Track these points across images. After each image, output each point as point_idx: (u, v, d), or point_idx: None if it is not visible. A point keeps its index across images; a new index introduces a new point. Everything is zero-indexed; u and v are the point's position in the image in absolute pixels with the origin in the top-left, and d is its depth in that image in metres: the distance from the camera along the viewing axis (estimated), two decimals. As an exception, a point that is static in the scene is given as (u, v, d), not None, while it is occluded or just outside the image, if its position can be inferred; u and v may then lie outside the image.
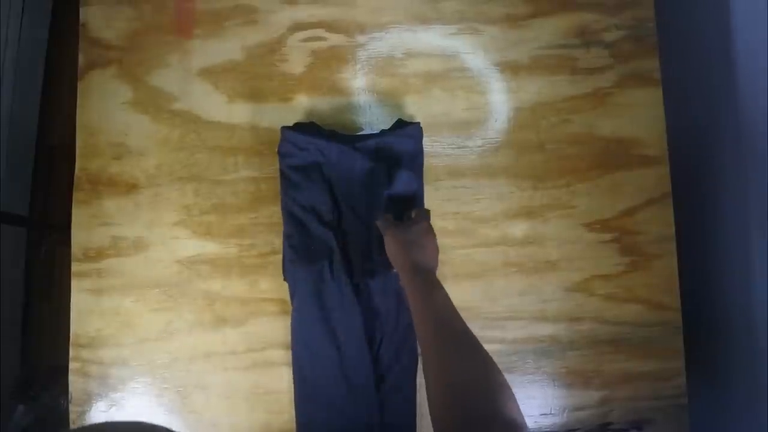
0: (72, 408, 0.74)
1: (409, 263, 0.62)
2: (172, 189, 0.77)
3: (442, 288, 0.59)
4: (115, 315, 0.76)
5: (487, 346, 0.56)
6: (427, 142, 0.77)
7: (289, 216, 0.74)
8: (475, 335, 0.54)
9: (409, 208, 0.71)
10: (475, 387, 0.46)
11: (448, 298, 0.58)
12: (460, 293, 0.77)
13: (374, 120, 0.79)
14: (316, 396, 0.72)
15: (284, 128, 0.74)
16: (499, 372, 0.48)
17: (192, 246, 0.76)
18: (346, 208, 0.74)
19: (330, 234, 0.72)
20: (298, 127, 0.76)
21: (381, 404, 0.71)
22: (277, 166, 0.75)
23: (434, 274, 0.63)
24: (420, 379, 0.75)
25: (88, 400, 0.74)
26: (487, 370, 0.49)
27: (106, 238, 0.76)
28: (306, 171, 0.74)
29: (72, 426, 0.74)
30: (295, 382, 0.73)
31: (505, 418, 0.42)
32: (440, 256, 0.77)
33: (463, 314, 0.59)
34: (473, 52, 0.81)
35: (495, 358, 0.55)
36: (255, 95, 0.79)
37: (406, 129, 0.76)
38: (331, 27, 0.80)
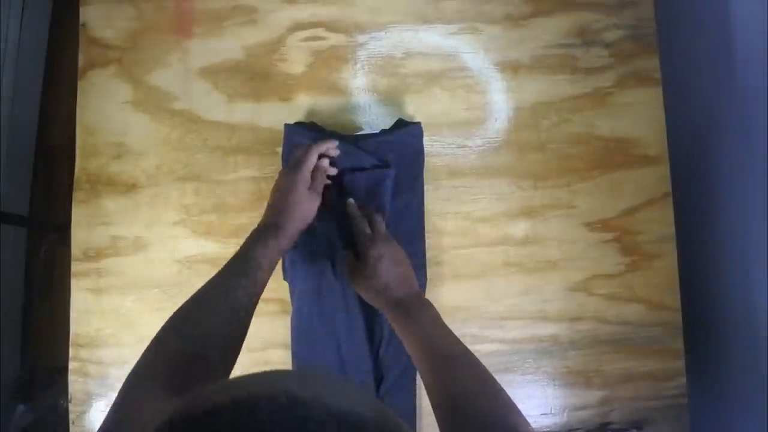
0: (72, 408, 0.74)
1: (380, 302, 0.61)
2: (172, 189, 0.77)
3: (421, 311, 0.58)
4: (115, 315, 0.76)
5: (487, 346, 0.56)
6: (427, 142, 0.77)
7: (290, 216, 0.74)
8: (466, 347, 0.54)
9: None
10: (476, 401, 0.48)
11: (431, 318, 0.57)
12: (460, 293, 0.77)
13: (374, 120, 0.79)
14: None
15: (288, 125, 0.75)
16: (496, 381, 0.50)
17: (192, 246, 0.76)
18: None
19: (333, 233, 0.72)
20: (299, 126, 0.76)
21: (381, 404, 0.71)
22: (277, 165, 0.75)
23: (407, 299, 0.60)
24: (420, 380, 0.75)
25: (87, 400, 0.74)
26: (485, 384, 0.50)
27: (105, 238, 0.76)
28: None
29: (72, 426, 0.74)
30: (295, 382, 0.73)
31: (510, 425, 0.45)
32: (441, 256, 0.77)
33: (463, 314, 0.59)
34: (473, 52, 0.81)
35: (495, 358, 0.55)
36: (255, 95, 0.79)
37: (407, 129, 0.76)
38: (330, 27, 0.80)
